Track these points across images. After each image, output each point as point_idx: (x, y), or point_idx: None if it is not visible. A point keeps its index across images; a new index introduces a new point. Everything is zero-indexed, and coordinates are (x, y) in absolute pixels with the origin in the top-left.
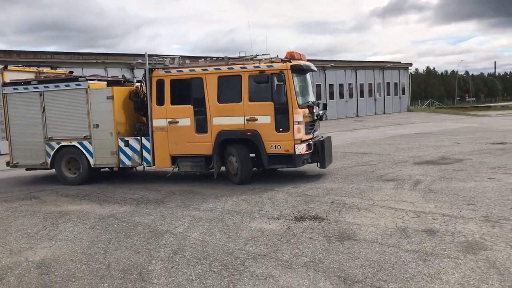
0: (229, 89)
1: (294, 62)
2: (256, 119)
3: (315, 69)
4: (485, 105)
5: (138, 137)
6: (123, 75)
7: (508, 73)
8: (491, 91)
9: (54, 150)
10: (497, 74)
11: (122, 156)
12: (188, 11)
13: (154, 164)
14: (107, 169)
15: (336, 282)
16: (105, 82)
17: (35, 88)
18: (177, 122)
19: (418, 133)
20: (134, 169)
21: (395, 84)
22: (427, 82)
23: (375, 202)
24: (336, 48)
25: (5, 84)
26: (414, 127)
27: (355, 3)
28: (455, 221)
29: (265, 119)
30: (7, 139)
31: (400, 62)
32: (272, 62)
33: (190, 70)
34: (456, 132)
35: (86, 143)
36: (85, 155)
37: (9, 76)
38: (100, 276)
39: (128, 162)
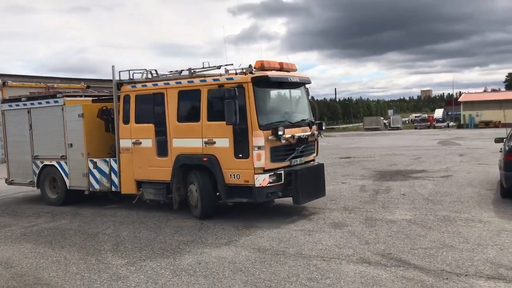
0: (189, 106)
1: (257, 74)
2: (214, 142)
3: (296, 80)
4: (329, 127)
5: (107, 159)
6: None
7: (347, 98)
8: (333, 115)
9: (39, 169)
10: (337, 99)
11: (91, 179)
12: (34, 27)
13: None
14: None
15: (253, 251)
16: (90, 99)
17: (24, 105)
18: (140, 143)
19: None
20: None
21: None
22: None
23: (263, 204)
24: None
25: (3, 101)
26: None
27: (209, 29)
28: (324, 211)
29: (223, 143)
30: (4, 156)
31: None
32: (236, 74)
33: (153, 85)
34: None
35: (63, 163)
36: (62, 176)
37: (11, 92)
38: (65, 264)
39: (96, 186)
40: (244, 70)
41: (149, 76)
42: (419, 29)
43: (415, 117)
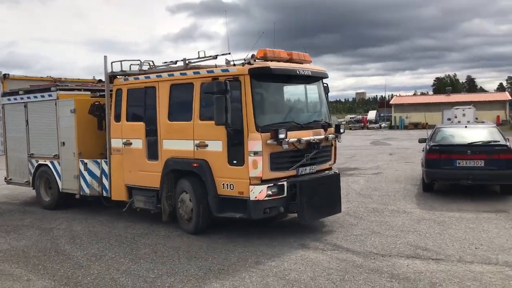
0: (180, 101)
1: (257, 65)
2: (207, 145)
3: (307, 73)
4: None
5: (98, 160)
6: None
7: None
8: None
9: (34, 168)
10: None
11: (82, 182)
12: None
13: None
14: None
15: (205, 241)
16: (88, 93)
17: (21, 98)
18: (131, 143)
19: None
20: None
21: None
22: None
23: None
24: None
25: (3, 94)
26: None
27: (148, 26)
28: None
29: (216, 146)
30: (4, 153)
31: None
32: (234, 65)
33: (145, 77)
34: None
35: (56, 163)
36: (55, 177)
37: (13, 85)
38: (24, 257)
39: (87, 190)
40: (244, 61)
41: (145, 68)
42: (353, 33)
43: (350, 118)
